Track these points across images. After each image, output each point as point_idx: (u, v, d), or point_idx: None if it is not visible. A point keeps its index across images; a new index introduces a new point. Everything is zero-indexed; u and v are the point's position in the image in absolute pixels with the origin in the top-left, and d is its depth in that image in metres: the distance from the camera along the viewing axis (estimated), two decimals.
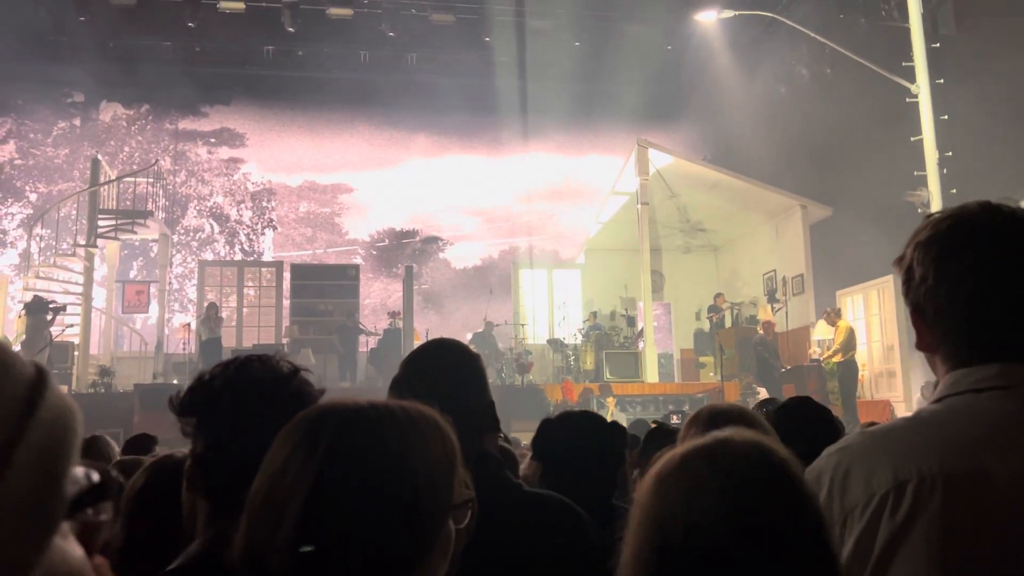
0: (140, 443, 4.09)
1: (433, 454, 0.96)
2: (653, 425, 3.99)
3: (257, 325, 18.26)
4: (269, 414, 1.31)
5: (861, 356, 14.15)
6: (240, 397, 1.38)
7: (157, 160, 19.90)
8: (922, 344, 1.29)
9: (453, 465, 0.98)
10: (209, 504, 1.39)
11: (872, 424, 4.29)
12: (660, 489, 0.94)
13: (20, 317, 14.59)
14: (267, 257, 22.38)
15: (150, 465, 2.02)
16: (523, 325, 17.73)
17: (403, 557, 0.91)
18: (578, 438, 2.27)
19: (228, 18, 19.10)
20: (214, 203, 22.71)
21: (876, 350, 14.79)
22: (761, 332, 14.71)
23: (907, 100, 12.28)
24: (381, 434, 0.94)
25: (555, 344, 16.74)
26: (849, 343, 13.15)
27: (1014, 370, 1.18)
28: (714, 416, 1.88)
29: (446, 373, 1.74)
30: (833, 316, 13.67)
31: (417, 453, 0.94)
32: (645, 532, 0.93)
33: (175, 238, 21.20)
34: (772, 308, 16.34)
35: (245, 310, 18.56)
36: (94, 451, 3.50)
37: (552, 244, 23.02)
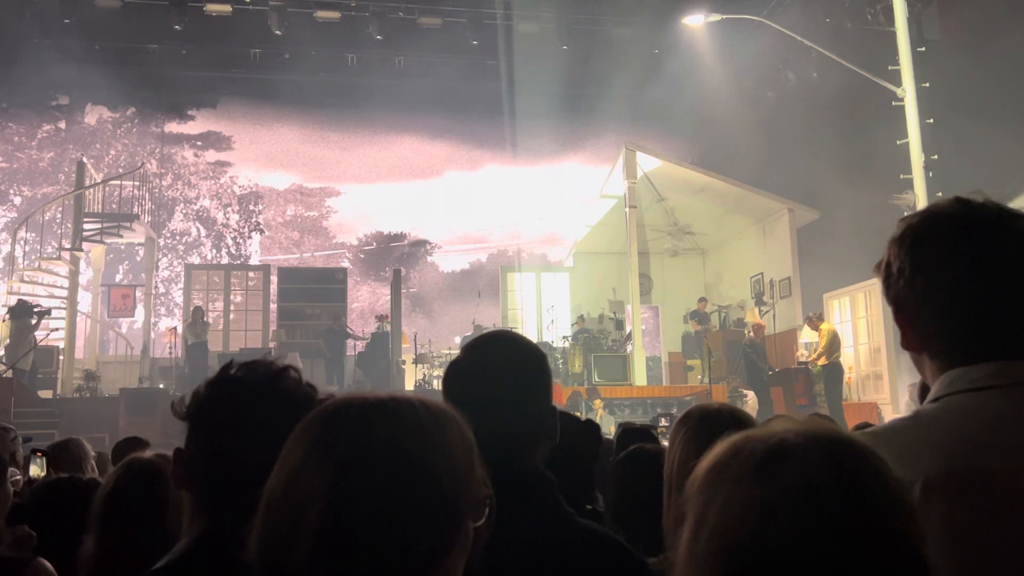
0: (130, 447, 4.03)
1: (454, 450, 0.94)
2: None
3: (244, 329, 18.17)
4: (249, 412, 1.32)
5: (847, 359, 14.21)
6: (219, 396, 1.39)
7: (143, 163, 19.79)
8: (906, 343, 1.27)
9: (473, 461, 0.95)
10: (193, 499, 1.39)
11: (865, 425, 4.29)
12: (720, 494, 0.83)
13: (4, 321, 14.47)
14: (254, 261, 22.27)
15: (120, 467, 2.01)
16: (512, 328, 17.70)
17: (425, 555, 0.89)
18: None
19: (215, 20, 19.01)
20: (200, 206, 22.60)
21: (863, 353, 14.85)
22: (751, 335, 14.74)
23: (893, 104, 12.36)
24: (401, 429, 0.91)
25: (543, 347, 16.72)
26: (832, 346, 13.21)
27: (1010, 368, 1.17)
28: (704, 416, 1.86)
29: (512, 368, 1.58)
30: (816, 320, 13.73)
31: (439, 449, 0.92)
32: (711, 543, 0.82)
33: (161, 241, 21.09)
34: (759, 311, 16.40)
35: (232, 314, 18.47)
36: (67, 454, 3.46)
37: (540, 247, 23.03)
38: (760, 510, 0.78)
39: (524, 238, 23.15)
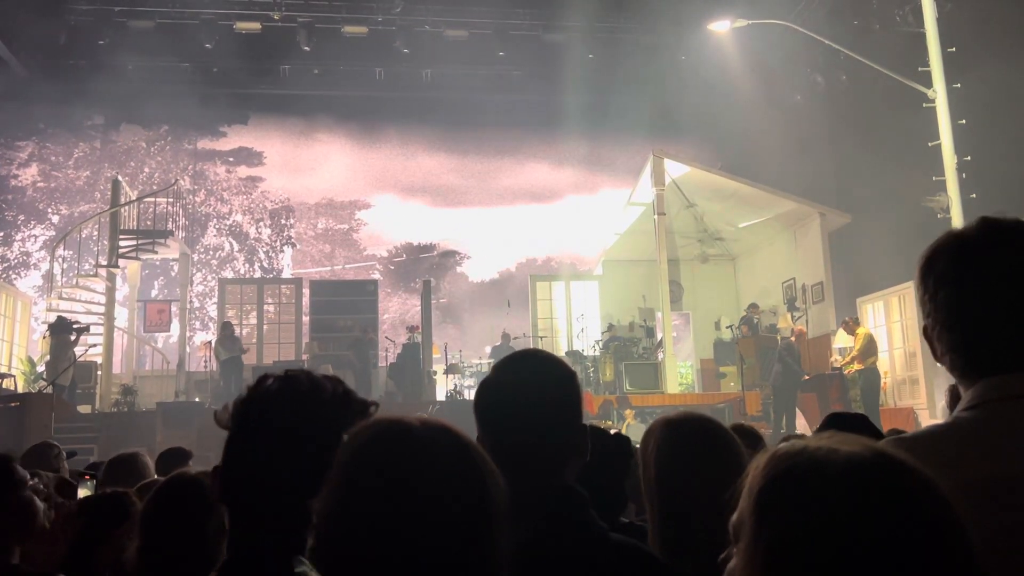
0: (173, 457, 4.08)
1: (475, 473, 0.97)
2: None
3: (277, 342, 18.35)
4: (281, 425, 1.32)
5: (883, 364, 14.02)
6: (251, 410, 1.38)
7: (176, 180, 20.06)
8: (935, 356, 1.33)
9: (488, 483, 0.99)
10: (228, 513, 1.39)
11: (897, 432, 4.25)
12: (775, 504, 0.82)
13: (44, 338, 14.75)
14: (286, 274, 22.49)
15: (164, 483, 2.03)
16: (542, 338, 17.70)
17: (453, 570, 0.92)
18: None
19: (244, 38, 19.30)
20: (233, 221, 22.87)
21: (898, 357, 14.65)
22: (792, 339, 14.45)
23: (924, 105, 12.22)
24: (445, 454, 0.95)
25: (574, 356, 16.70)
26: (867, 350, 13.01)
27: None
28: (669, 425, 1.83)
29: (543, 386, 1.58)
30: (852, 324, 13.55)
31: (484, 471, 0.97)
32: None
33: (195, 257, 21.37)
34: (792, 317, 16.24)
35: (265, 327, 18.66)
36: (125, 468, 3.48)
37: (569, 256, 23.01)
38: (811, 530, 0.78)
39: (556, 251, 23.14)
